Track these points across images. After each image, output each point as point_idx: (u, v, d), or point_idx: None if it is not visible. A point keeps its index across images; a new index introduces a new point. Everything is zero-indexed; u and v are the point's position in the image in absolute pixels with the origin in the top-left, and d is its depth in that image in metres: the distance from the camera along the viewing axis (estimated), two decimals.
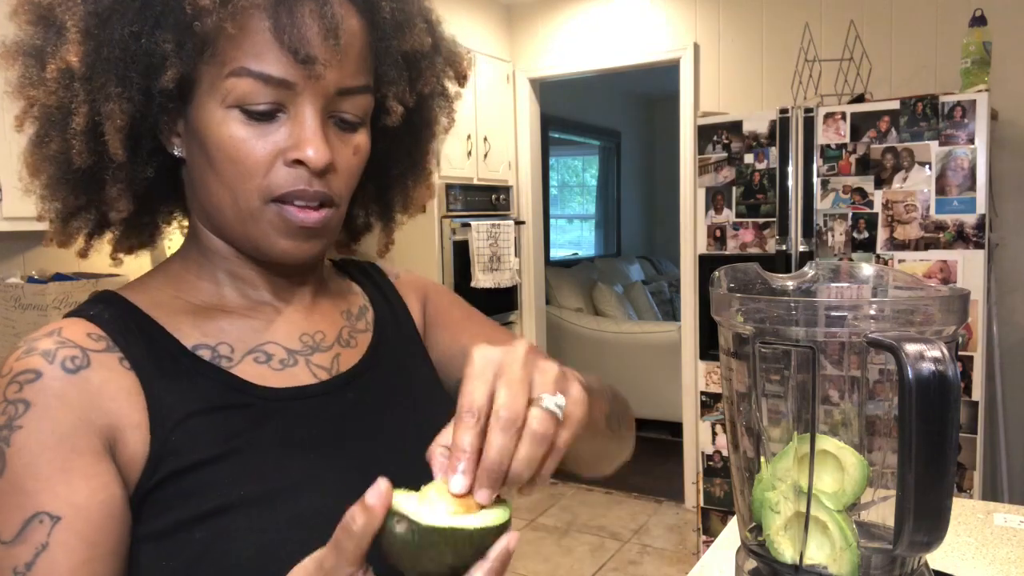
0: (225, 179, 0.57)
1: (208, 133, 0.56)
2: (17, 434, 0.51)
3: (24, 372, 0.53)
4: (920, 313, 0.62)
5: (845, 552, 0.64)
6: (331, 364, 0.65)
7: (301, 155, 0.56)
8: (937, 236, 2.43)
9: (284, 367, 0.63)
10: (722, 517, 2.88)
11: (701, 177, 2.84)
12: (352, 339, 0.69)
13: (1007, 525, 1.17)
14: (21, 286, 2.39)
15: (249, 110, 0.56)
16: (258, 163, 0.57)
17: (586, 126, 6.22)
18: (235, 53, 0.54)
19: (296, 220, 0.58)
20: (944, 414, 0.55)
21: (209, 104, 0.56)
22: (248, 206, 0.58)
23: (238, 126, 0.56)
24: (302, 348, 0.65)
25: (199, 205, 0.62)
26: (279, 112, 0.57)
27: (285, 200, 0.58)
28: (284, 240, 0.59)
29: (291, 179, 0.57)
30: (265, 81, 0.55)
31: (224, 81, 0.55)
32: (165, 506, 0.54)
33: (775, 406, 0.69)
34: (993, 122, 2.58)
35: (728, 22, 3.45)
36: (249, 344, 0.62)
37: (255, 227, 0.59)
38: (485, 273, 3.50)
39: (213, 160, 0.57)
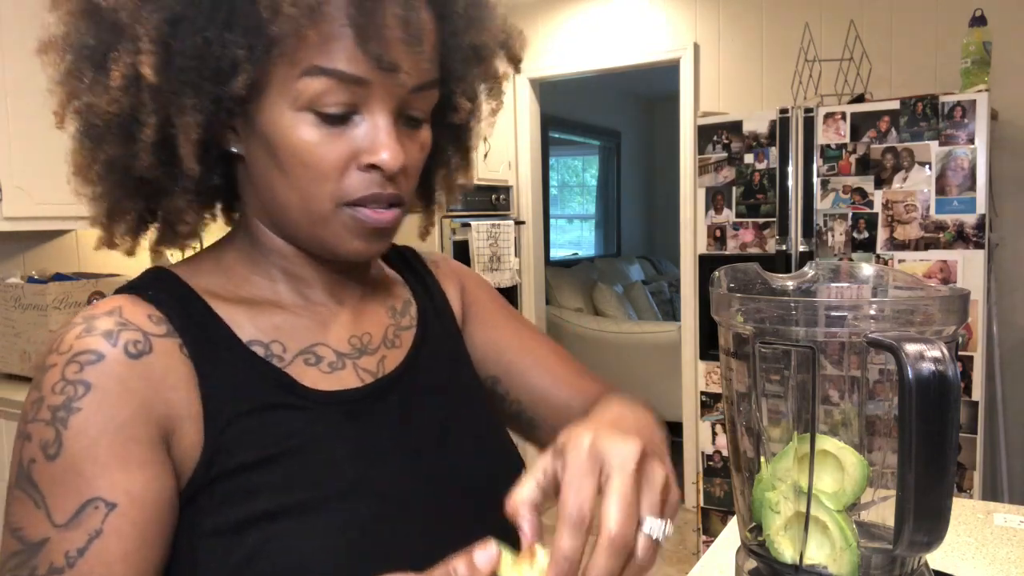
0: (295, 182, 0.56)
1: (277, 136, 0.55)
2: (76, 416, 0.50)
3: (85, 352, 0.52)
4: (920, 313, 0.62)
5: (845, 552, 0.64)
6: (376, 367, 0.65)
7: (377, 160, 0.55)
8: (937, 236, 2.43)
9: (333, 370, 0.62)
10: (722, 517, 2.88)
11: (701, 177, 2.84)
12: (396, 338, 0.68)
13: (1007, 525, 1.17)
14: (21, 286, 2.40)
15: (322, 112, 0.54)
16: (332, 168, 0.55)
17: (586, 126, 6.22)
18: (308, 52, 0.52)
19: (371, 222, 0.58)
20: (944, 414, 0.55)
21: (278, 106, 0.54)
22: (320, 210, 0.57)
23: (310, 129, 0.54)
24: (350, 351, 0.64)
25: (260, 204, 0.61)
26: (353, 114, 0.55)
27: (359, 204, 0.57)
28: (357, 241, 0.59)
29: (365, 183, 0.56)
30: (340, 79, 0.53)
31: (296, 82, 0.53)
32: (219, 503, 0.54)
33: (775, 406, 0.69)
34: (993, 122, 2.58)
35: (728, 22, 3.45)
36: (301, 344, 0.62)
37: (326, 230, 0.58)
38: (485, 273, 3.50)
39: (282, 163, 0.55)
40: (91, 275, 2.59)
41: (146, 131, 0.53)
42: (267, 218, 0.62)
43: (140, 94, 0.53)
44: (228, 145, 0.59)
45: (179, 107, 0.53)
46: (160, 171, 0.56)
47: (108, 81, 0.53)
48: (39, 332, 2.36)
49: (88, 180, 0.59)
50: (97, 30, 0.53)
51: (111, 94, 0.53)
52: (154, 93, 0.52)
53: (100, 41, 0.53)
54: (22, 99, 2.32)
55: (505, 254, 3.62)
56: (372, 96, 0.55)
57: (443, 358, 0.71)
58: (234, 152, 0.59)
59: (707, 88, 3.52)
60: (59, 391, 0.51)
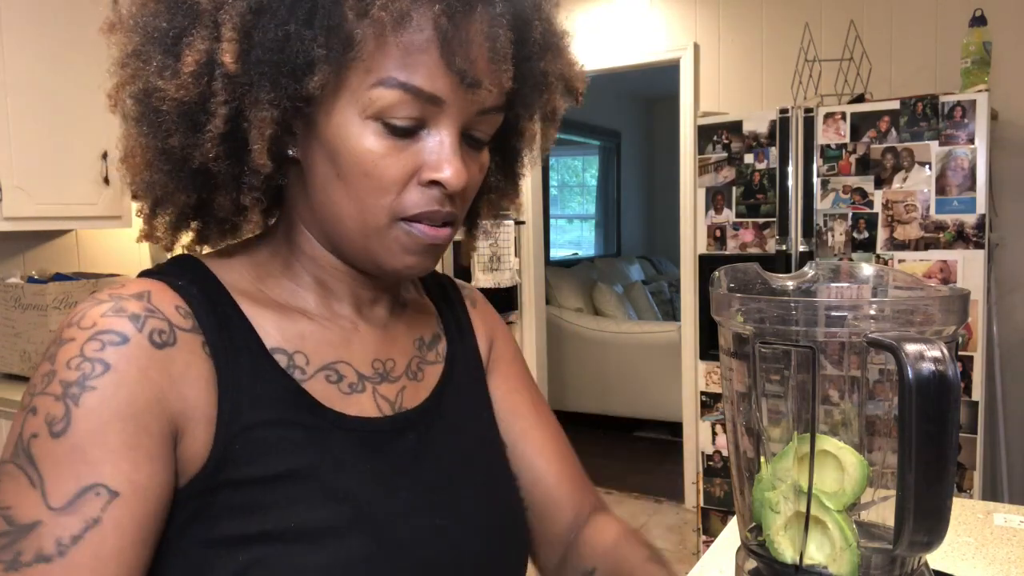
0: (354, 192, 0.54)
1: (342, 143, 0.53)
2: (90, 395, 0.47)
3: (109, 332, 0.49)
4: (920, 313, 0.62)
5: (845, 552, 0.64)
6: (396, 397, 0.63)
7: (440, 176, 0.54)
8: (937, 236, 2.43)
9: (352, 392, 0.60)
10: (722, 517, 2.88)
11: (701, 177, 2.84)
12: (420, 371, 0.66)
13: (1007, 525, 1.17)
14: (21, 286, 2.40)
15: (391, 124, 0.53)
16: (393, 181, 0.54)
17: (586, 126, 6.22)
18: (385, 62, 0.51)
19: (426, 239, 0.56)
20: (944, 414, 0.55)
21: (346, 112, 0.53)
22: (376, 222, 0.55)
23: (377, 139, 0.53)
24: (372, 375, 0.62)
25: (312, 211, 0.59)
26: (420, 129, 0.54)
27: (415, 219, 0.56)
28: (408, 256, 0.57)
29: (424, 200, 0.55)
30: (415, 95, 0.52)
31: (369, 90, 0.52)
32: (217, 514, 0.52)
33: (775, 406, 0.69)
34: (993, 122, 2.58)
35: (728, 22, 3.45)
36: (324, 359, 0.60)
37: (379, 243, 0.56)
38: (485, 273, 3.50)
39: (344, 171, 0.54)
40: (91, 275, 2.59)
41: (215, 121, 0.52)
42: (316, 226, 0.60)
43: (213, 83, 0.51)
44: (286, 148, 0.57)
45: (255, 100, 0.51)
46: (224, 164, 0.54)
47: (179, 66, 0.51)
48: (39, 332, 2.36)
49: (138, 167, 0.56)
50: (173, 12, 0.52)
51: (181, 79, 0.51)
52: (229, 83, 0.51)
53: (174, 24, 0.52)
54: (22, 99, 2.32)
55: (505, 254, 3.62)
56: (444, 113, 0.54)
57: (466, 402, 0.69)
58: (289, 156, 0.57)
59: (707, 88, 3.52)
60: (75, 367, 0.48)
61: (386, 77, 0.51)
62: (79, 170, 2.48)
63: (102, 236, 2.89)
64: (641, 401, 4.58)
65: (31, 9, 2.34)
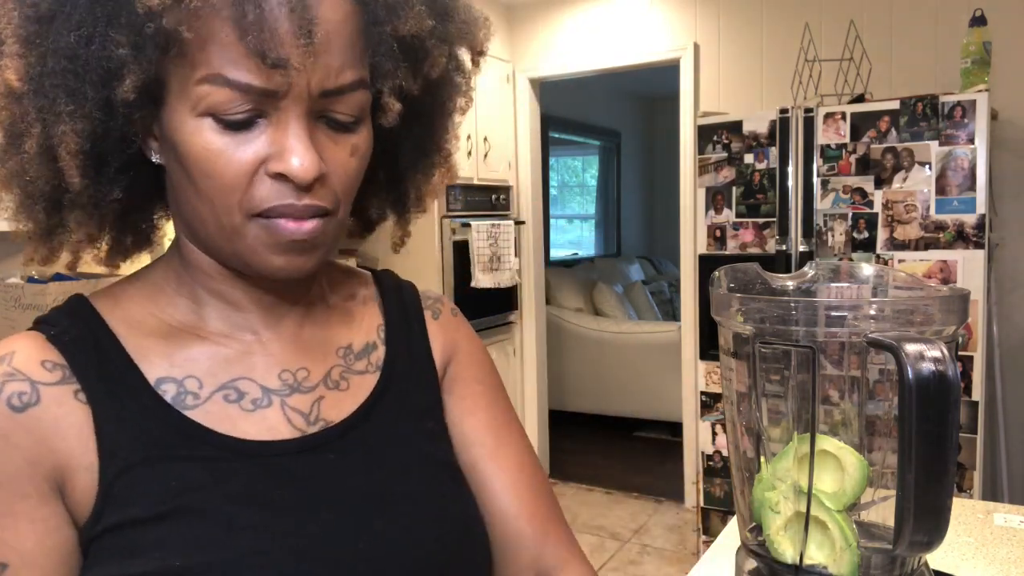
0: (204, 193, 0.51)
1: (181, 143, 0.50)
2: None
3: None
4: (920, 313, 0.62)
5: (845, 552, 0.64)
6: (310, 409, 0.57)
7: (284, 168, 0.49)
8: (937, 236, 2.43)
9: (256, 408, 0.56)
10: (722, 517, 2.88)
11: (701, 177, 2.84)
12: (344, 381, 0.60)
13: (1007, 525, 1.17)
14: (21, 286, 2.39)
15: (224, 119, 0.49)
16: (237, 176, 0.49)
17: (586, 126, 6.22)
18: (203, 56, 0.47)
19: (286, 234, 0.51)
20: (944, 414, 0.55)
21: (180, 110, 0.49)
22: (231, 222, 0.51)
23: (212, 135, 0.49)
24: (280, 387, 0.57)
25: (180, 216, 0.56)
26: (258, 118, 0.49)
27: (271, 215, 0.51)
28: (275, 256, 0.52)
29: (275, 193, 0.50)
30: (239, 89, 0.47)
31: (194, 88, 0.48)
32: (105, 559, 0.50)
33: (775, 406, 0.69)
34: (993, 122, 2.58)
35: (728, 22, 3.45)
36: (220, 379, 0.56)
37: (241, 243, 0.52)
38: (485, 273, 3.50)
39: (189, 172, 0.50)
40: (91, 275, 2.59)
41: (29, 142, 0.49)
42: (190, 233, 0.56)
43: (21, 101, 0.48)
44: (149, 154, 0.53)
45: (55, 114, 0.47)
46: (51, 183, 0.51)
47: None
48: None
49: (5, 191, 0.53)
50: None
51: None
52: (31, 99, 0.47)
53: None
54: None
55: (505, 254, 3.62)
56: (280, 101, 0.49)
57: (407, 415, 0.63)
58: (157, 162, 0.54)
59: (707, 88, 3.52)
60: None
61: (207, 74, 0.47)
62: None
63: None
64: (641, 401, 4.58)
65: None
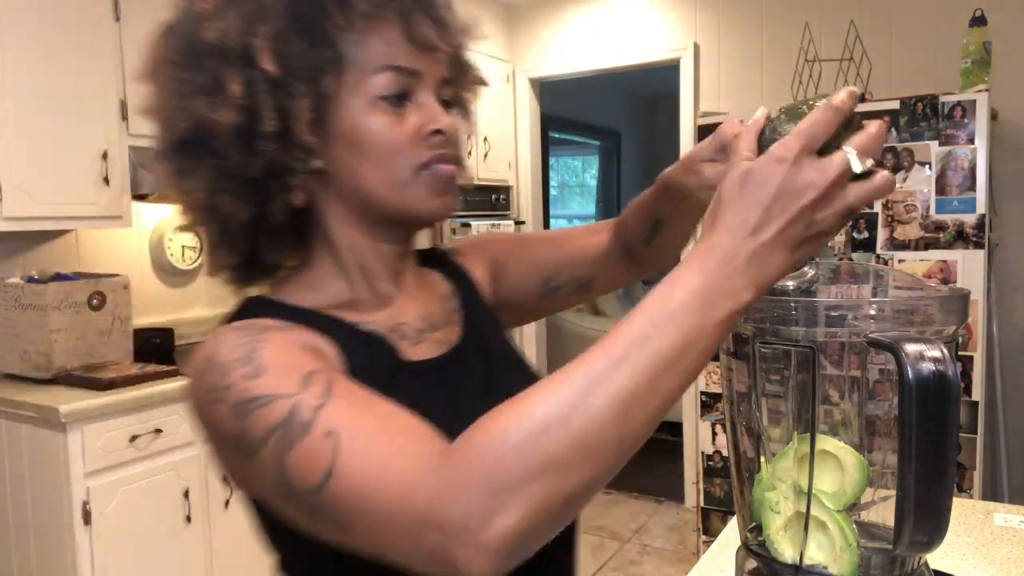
0: (378, 162, 0.68)
1: (357, 126, 0.67)
2: (265, 346, 0.59)
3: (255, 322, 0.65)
4: (920, 313, 0.62)
5: (845, 552, 0.64)
6: (444, 339, 0.77)
7: (439, 125, 0.69)
8: (937, 236, 2.43)
9: (415, 344, 0.74)
10: (722, 517, 2.88)
11: None
12: (451, 318, 0.81)
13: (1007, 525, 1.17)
14: (21, 286, 2.39)
15: (388, 98, 0.67)
16: (405, 141, 0.68)
17: (586, 126, 6.22)
18: (373, 55, 0.67)
19: (445, 173, 0.70)
20: (944, 414, 0.55)
21: (352, 105, 0.67)
22: (402, 178, 0.69)
23: (383, 116, 0.67)
24: (424, 326, 0.77)
25: (343, 200, 0.71)
26: (407, 99, 0.69)
27: (430, 163, 0.69)
28: (436, 199, 0.70)
29: (432, 147, 0.69)
30: (401, 73, 0.68)
31: (369, 79, 0.67)
32: None
33: (775, 406, 0.69)
34: (993, 122, 2.58)
35: (728, 22, 3.45)
36: (388, 325, 0.74)
37: (411, 194, 0.69)
38: None
39: (365, 149, 0.68)
40: (91, 275, 2.59)
41: (268, 121, 0.64)
42: (352, 212, 0.72)
43: (255, 95, 0.64)
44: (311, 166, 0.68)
45: (293, 94, 0.65)
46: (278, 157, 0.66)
47: (225, 96, 0.64)
48: (39, 332, 2.36)
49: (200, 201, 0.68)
50: (204, 65, 0.65)
51: (228, 105, 0.64)
52: (271, 88, 0.64)
53: (211, 70, 0.65)
54: (22, 99, 2.32)
55: None
56: (421, 83, 0.69)
57: (486, 332, 0.83)
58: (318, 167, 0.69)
59: (707, 88, 3.52)
60: (239, 347, 0.59)
61: (379, 66, 0.67)
62: (79, 170, 2.48)
63: (102, 236, 2.89)
64: None
65: (31, 9, 2.34)
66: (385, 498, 0.49)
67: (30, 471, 2.23)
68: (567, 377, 0.49)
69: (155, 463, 2.33)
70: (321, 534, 0.54)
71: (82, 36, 2.46)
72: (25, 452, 2.23)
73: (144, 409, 2.29)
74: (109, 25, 2.54)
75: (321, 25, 0.65)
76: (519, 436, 0.46)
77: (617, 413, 0.47)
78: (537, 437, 0.46)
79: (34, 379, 2.40)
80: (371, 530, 0.50)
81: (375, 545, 0.51)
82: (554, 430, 0.46)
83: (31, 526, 2.25)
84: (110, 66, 2.53)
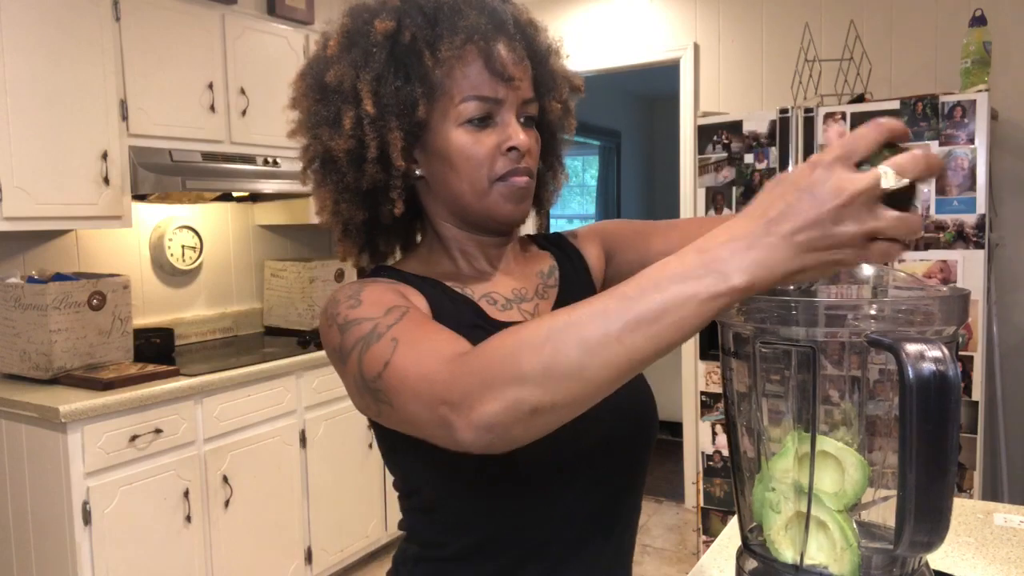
0: (464, 174, 0.82)
1: (447, 146, 0.82)
2: (366, 288, 0.78)
3: (368, 279, 0.84)
4: (920, 313, 0.62)
5: (846, 552, 0.64)
6: (533, 310, 0.90)
7: (515, 142, 0.81)
8: (937, 236, 2.43)
9: (504, 310, 0.88)
10: (722, 517, 2.88)
11: (701, 177, 2.84)
12: (545, 292, 0.93)
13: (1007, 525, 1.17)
14: (21, 286, 2.39)
15: (473, 121, 0.81)
16: (485, 156, 0.81)
17: (586, 126, 6.22)
18: (460, 86, 0.80)
19: (518, 184, 0.83)
20: (944, 414, 0.55)
21: (443, 127, 0.82)
22: (481, 187, 0.83)
23: (468, 136, 0.81)
24: (514, 297, 0.90)
25: (440, 203, 0.87)
26: (491, 120, 0.82)
27: (506, 177, 0.82)
28: (508, 204, 0.84)
29: (508, 162, 0.82)
30: (484, 101, 0.81)
31: (456, 108, 0.81)
32: None
33: (775, 406, 0.69)
34: (993, 122, 2.58)
35: (728, 22, 3.45)
36: (481, 292, 0.88)
37: (490, 201, 0.83)
38: None
39: (454, 164, 0.82)
40: (91, 275, 2.59)
41: (372, 150, 0.81)
42: (447, 213, 0.87)
43: (362, 129, 0.81)
44: (414, 172, 0.85)
45: (388, 128, 0.81)
46: (381, 176, 0.83)
47: (342, 128, 0.81)
48: (39, 332, 2.36)
49: (330, 209, 0.86)
50: (328, 101, 0.83)
51: (344, 135, 0.81)
52: (372, 122, 0.80)
53: (331, 107, 0.82)
54: (22, 99, 2.32)
55: None
56: (502, 107, 0.82)
57: None
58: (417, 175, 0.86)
59: (707, 88, 3.52)
60: (351, 289, 0.77)
61: (464, 96, 0.81)
62: (79, 170, 2.48)
63: (102, 236, 2.89)
64: None
65: (31, 9, 2.34)
66: (416, 380, 0.64)
67: (30, 471, 2.23)
68: (556, 315, 0.58)
69: (155, 463, 2.33)
70: (382, 417, 0.70)
71: (82, 36, 2.46)
72: (25, 452, 2.23)
73: (144, 409, 2.29)
74: (109, 25, 2.54)
75: (415, 65, 0.79)
76: (505, 351, 0.58)
77: (581, 353, 0.55)
78: (517, 354, 0.57)
79: (34, 379, 2.40)
80: (405, 403, 0.65)
81: (407, 416, 0.65)
82: (529, 351, 0.56)
83: (31, 526, 2.25)
84: (110, 66, 2.53)
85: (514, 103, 0.83)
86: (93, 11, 2.49)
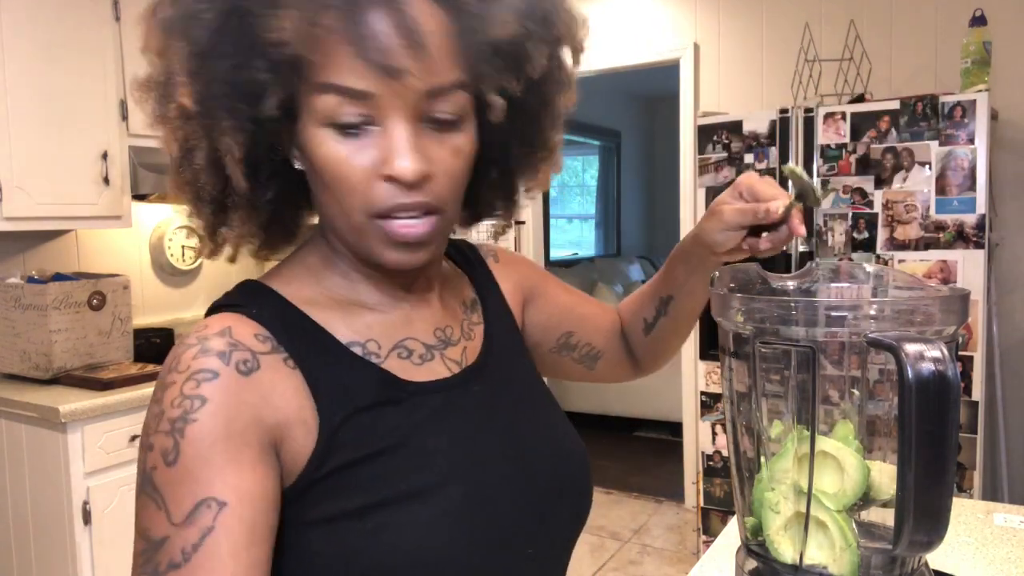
0: (332, 196, 0.59)
1: (311, 152, 0.58)
2: (192, 426, 0.54)
3: (202, 371, 0.56)
4: (920, 313, 0.62)
5: (845, 552, 0.64)
6: (460, 357, 0.70)
7: (391, 170, 0.56)
8: (937, 236, 2.43)
9: (423, 361, 0.67)
10: (722, 517, 2.88)
11: (701, 177, 2.84)
12: (471, 331, 0.73)
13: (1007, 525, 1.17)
14: (21, 286, 2.40)
15: (340, 125, 0.56)
16: (358, 181, 0.57)
17: (586, 126, 6.22)
18: (319, 71, 0.55)
19: (399, 236, 0.59)
20: (944, 414, 0.55)
21: (309, 124, 0.57)
22: (356, 221, 0.59)
23: (334, 144, 0.57)
24: (436, 343, 0.69)
25: (320, 212, 0.65)
26: (369, 125, 0.57)
27: (387, 216, 0.58)
28: (392, 252, 0.60)
29: (389, 194, 0.57)
30: (349, 95, 0.55)
31: (314, 99, 0.56)
32: (332, 495, 0.58)
33: (775, 406, 0.69)
34: (993, 122, 2.58)
35: (728, 22, 3.45)
36: (393, 340, 0.66)
37: (364, 239, 0.60)
38: None
39: (320, 178, 0.59)
40: (91, 275, 2.59)
41: (198, 155, 0.58)
42: (329, 228, 0.65)
43: (190, 121, 0.58)
44: (293, 163, 0.62)
45: (219, 130, 0.57)
46: (218, 188, 0.60)
47: (168, 112, 0.58)
48: (39, 332, 2.36)
49: (179, 197, 0.63)
50: (164, 69, 0.58)
51: (173, 123, 0.58)
52: (199, 119, 0.57)
53: (166, 78, 0.58)
54: (22, 99, 2.32)
55: None
56: (384, 106, 0.56)
57: (508, 352, 0.76)
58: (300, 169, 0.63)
59: (707, 88, 3.52)
60: (177, 405, 0.55)
61: (321, 83, 0.55)
62: (79, 170, 2.48)
63: (102, 236, 2.89)
64: (641, 401, 4.58)
65: (31, 9, 2.34)
66: None
67: (30, 471, 2.23)
68: None
69: None
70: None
71: (82, 36, 2.46)
72: (25, 452, 2.23)
73: (144, 409, 2.29)
74: (109, 25, 2.54)
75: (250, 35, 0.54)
76: None
77: None
78: None
79: (34, 379, 2.40)
80: None
81: None
82: None
83: (31, 526, 2.25)
84: (110, 66, 2.53)
85: (407, 101, 0.56)
86: (93, 11, 2.49)
